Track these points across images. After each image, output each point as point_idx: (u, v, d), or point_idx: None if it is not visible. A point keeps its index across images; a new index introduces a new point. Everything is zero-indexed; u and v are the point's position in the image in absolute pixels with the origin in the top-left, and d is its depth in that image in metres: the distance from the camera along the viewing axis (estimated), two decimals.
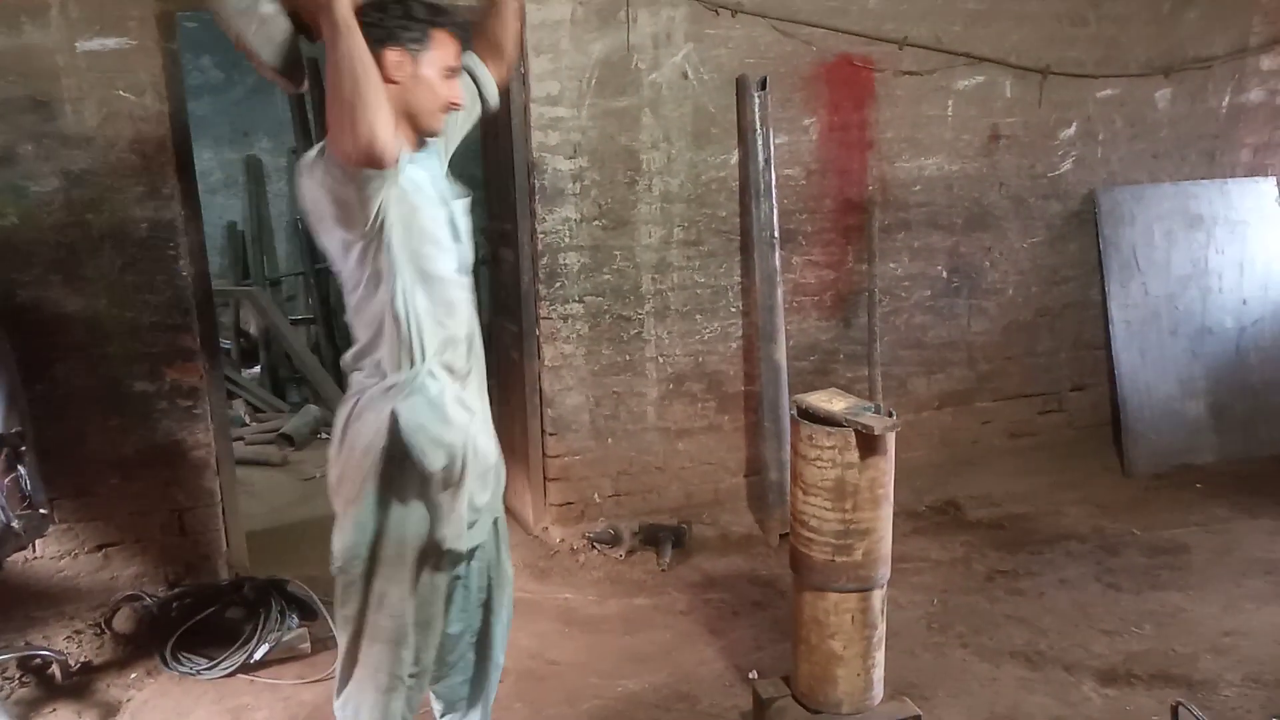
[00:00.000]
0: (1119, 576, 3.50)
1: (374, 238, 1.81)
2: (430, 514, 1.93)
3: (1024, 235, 4.42)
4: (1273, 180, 4.74)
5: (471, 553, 2.09)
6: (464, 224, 2.02)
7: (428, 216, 1.90)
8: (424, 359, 1.89)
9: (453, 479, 1.94)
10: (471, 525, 2.01)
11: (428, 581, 1.98)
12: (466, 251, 2.01)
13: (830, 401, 2.39)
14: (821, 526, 2.33)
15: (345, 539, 1.93)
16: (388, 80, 1.80)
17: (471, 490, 1.98)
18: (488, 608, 2.19)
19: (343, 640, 2.01)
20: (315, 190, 1.81)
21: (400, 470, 1.89)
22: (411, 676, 2.02)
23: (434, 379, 1.91)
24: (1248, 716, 2.59)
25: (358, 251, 1.83)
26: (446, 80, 1.90)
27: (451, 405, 1.94)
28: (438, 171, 2.02)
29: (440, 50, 1.87)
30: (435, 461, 1.89)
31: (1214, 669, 2.88)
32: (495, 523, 2.17)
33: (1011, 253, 4.41)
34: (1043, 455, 4.55)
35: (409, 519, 1.92)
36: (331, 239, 1.86)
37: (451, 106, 1.93)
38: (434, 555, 1.96)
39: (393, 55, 1.82)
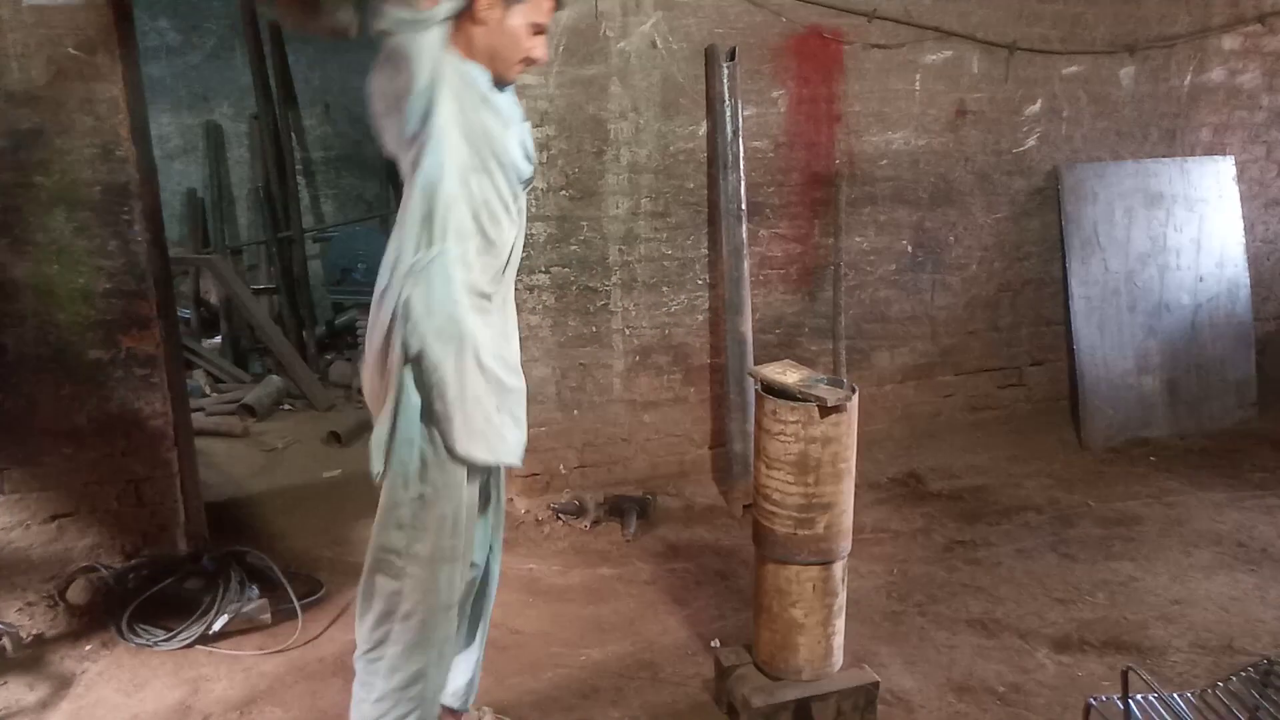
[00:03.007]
0: (1074, 547, 3.58)
1: (428, 104, 1.76)
2: (452, 421, 1.91)
3: (988, 211, 4.45)
4: (1231, 159, 4.82)
5: (488, 485, 2.14)
6: (530, 147, 2.03)
7: (491, 120, 1.88)
8: (444, 239, 1.84)
9: (451, 381, 1.88)
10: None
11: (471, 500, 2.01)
12: (528, 176, 2.02)
13: (784, 373, 2.40)
14: (784, 500, 2.35)
15: (390, 446, 1.89)
16: (475, 21, 1.82)
17: (510, 406, 2.01)
18: (492, 548, 2.26)
19: (404, 569, 1.96)
20: (378, 79, 1.79)
21: (420, 370, 1.87)
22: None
23: (451, 264, 1.85)
24: (1194, 682, 2.66)
25: (413, 125, 1.77)
26: (532, 36, 1.90)
27: (463, 297, 1.89)
28: (515, 110, 2.00)
29: (533, 5, 1.87)
30: (439, 355, 1.86)
31: (1163, 636, 2.96)
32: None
33: (975, 228, 4.45)
34: (1002, 428, 4.62)
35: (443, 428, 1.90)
36: (392, 132, 1.82)
37: (530, 61, 1.93)
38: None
39: None
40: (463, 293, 1.88)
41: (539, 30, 1.90)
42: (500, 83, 1.92)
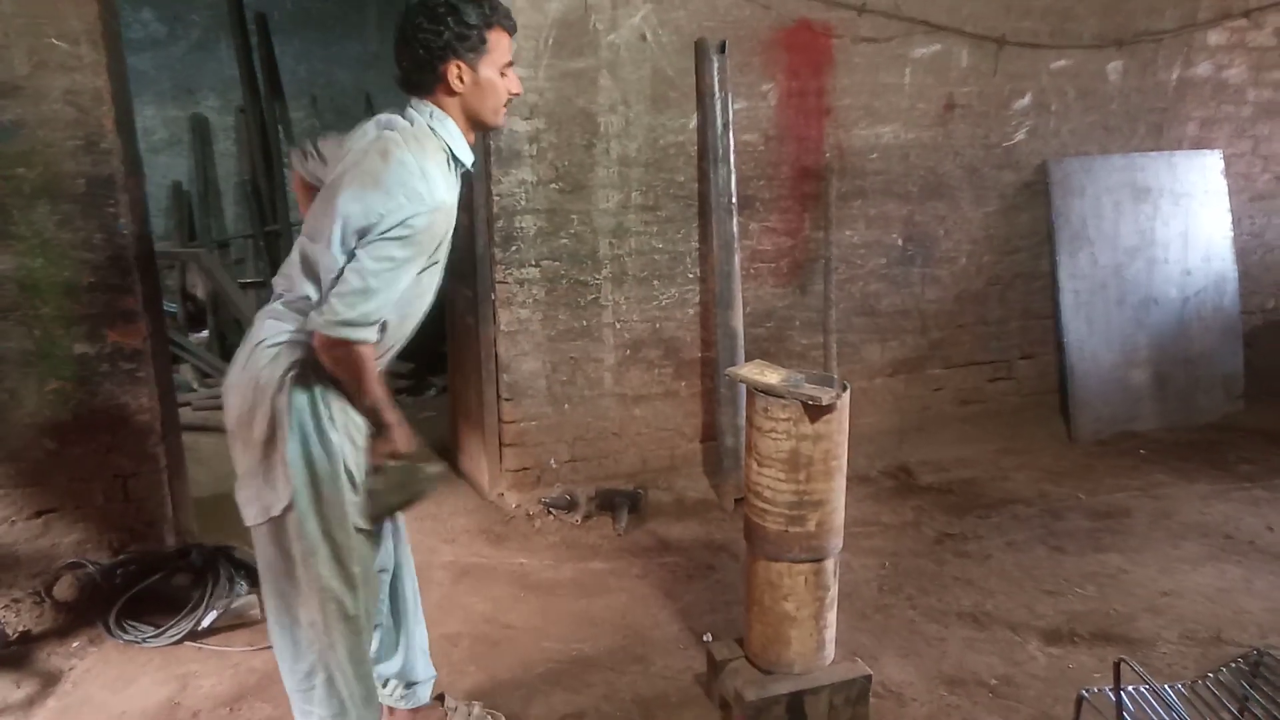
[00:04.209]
0: (1063, 539, 3.59)
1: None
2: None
3: (977, 205, 4.46)
4: (1218, 153, 4.84)
5: None
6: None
7: (444, 240, 1.97)
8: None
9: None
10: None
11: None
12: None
13: (762, 374, 2.38)
14: (776, 498, 2.34)
15: (288, 484, 1.92)
16: (450, 93, 1.89)
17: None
18: (398, 548, 2.32)
19: (311, 599, 2.00)
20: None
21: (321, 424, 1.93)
22: (368, 622, 2.09)
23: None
24: (1183, 673, 2.67)
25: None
26: (505, 76, 1.95)
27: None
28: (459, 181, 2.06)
29: (496, 50, 1.91)
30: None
31: (1152, 628, 2.97)
32: None
33: (965, 222, 4.45)
34: (991, 422, 4.63)
35: (341, 471, 1.96)
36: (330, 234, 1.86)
37: (513, 97, 1.99)
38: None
39: (453, 69, 1.88)
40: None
41: (509, 67, 1.96)
42: (488, 130, 2.04)
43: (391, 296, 1.83)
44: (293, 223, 6.71)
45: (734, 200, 3.82)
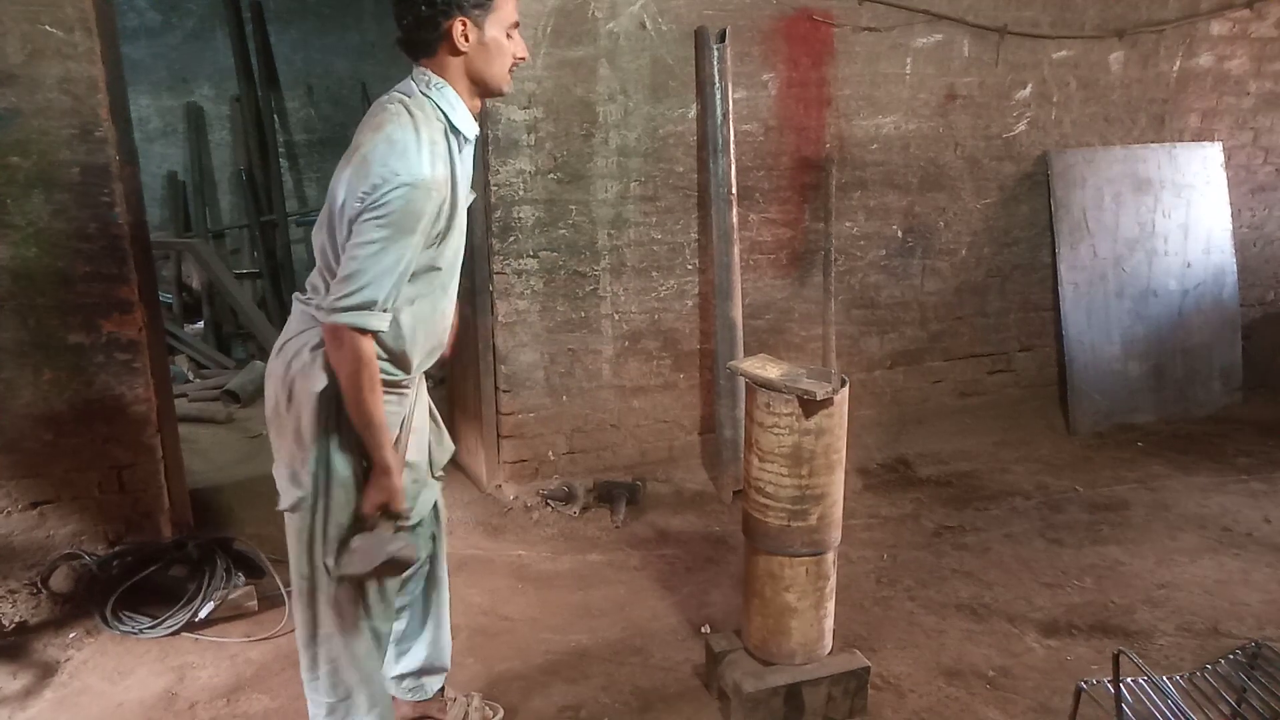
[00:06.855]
0: (1061, 532, 3.59)
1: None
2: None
3: (977, 196, 4.44)
4: (1218, 145, 4.83)
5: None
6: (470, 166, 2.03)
7: (460, 225, 1.93)
8: (409, 372, 1.96)
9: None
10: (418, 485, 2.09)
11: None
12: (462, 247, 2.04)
13: (764, 368, 2.37)
14: (778, 493, 2.33)
15: (306, 478, 1.90)
16: (455, 53, 1.82)
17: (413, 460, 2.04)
18: (436, 540, 2.30)
19: (306, 587, 1.99)
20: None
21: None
22: (381, 619, 2.06)
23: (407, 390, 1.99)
24: (1181, 665, 2.68)
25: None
26: (511, 38, 1.88)
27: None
28: (470, 161, 2.00)
29: (503, 8, 1.85)
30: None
31: (1149, 620, 2.98)
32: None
33: (965, 213, 4.44)
34: (991, 414, 4.63)
35: (354, 475, 1.93)
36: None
37: (519, 61, 1.92)
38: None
39: (458, 26, 1.80)
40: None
41: (515, 27, 1.89)
42: (494, 94, 1.94)
43: (385, 283, 1.75)
44: (289, 213, 6.68)
45: (733, 191, 3.80)
